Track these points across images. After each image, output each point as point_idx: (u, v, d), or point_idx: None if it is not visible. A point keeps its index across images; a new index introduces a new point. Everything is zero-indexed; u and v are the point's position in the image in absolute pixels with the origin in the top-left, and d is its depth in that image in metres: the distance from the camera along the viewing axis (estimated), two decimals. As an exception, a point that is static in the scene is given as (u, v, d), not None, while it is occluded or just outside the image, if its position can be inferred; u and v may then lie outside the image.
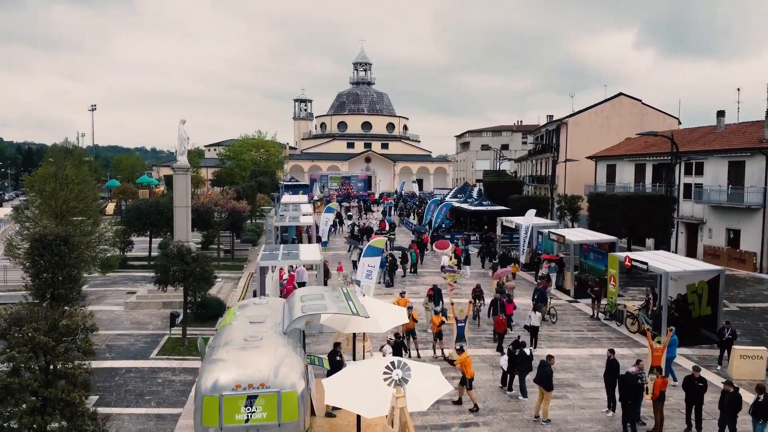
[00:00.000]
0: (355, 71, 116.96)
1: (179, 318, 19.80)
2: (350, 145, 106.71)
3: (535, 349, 19.11)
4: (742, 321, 23.33)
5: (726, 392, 13.20)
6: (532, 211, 33.42)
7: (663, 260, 22.11)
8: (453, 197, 55.69)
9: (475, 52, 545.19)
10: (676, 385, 15.98)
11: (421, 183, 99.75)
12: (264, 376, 10.70)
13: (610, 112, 54.09)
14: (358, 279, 19.94)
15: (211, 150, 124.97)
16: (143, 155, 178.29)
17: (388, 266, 27.95)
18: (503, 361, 15.86)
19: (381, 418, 10.96)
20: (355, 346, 16.81)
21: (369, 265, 20.49)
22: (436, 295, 21.13)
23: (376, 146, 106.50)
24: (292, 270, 24.35)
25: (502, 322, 18.59)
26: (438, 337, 18.19)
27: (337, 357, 14.03)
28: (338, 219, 48.30)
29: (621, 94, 55.04)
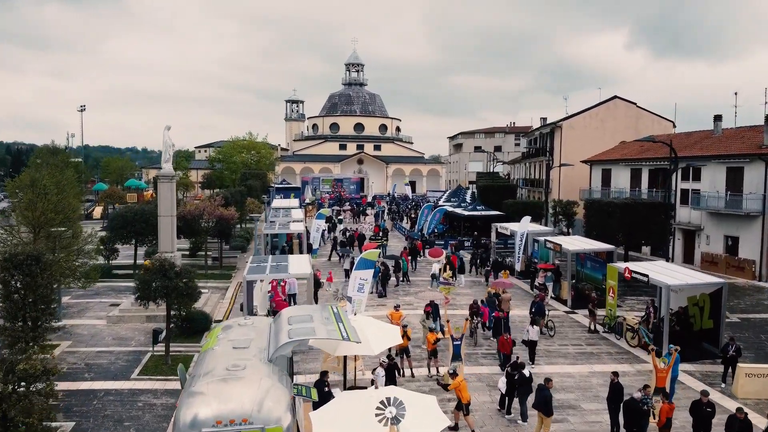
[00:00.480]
0: (348, 72, 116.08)
1: (162, 334, 18.93)
2: (342, 147, 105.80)
3: (533, 364, 18.55)
4: (743, 333, 22.76)
5: (736, 419, 12.55)
6: (527, 218, 32.75)
7: (663, 272, 21.47)
8: (446, 201, 54.99)
9: (467, 52, 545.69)
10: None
11: (413, 185, 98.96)
12: (247, 411, 9.94)
13: (605, 115, 53.56)
14: (350, 295, 19.12)
15: (202, 151, 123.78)
16: (134, 155, 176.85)
17: (380, 276, 27.14)
18: (501, 383, 15.13)
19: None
20: (346, 366, 16.08)
21: (361, 278, 19.69)
22: (434, 311, 20.28)
23: (368, 148, 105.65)
24: (281, 282, 23.50)
25: (507, 342, 17.46)
26: (433, 355, 17.44)
27: (325, 387, 13.22)
28: (331, 224, 47.53)
29: (616, 97, 54.54)
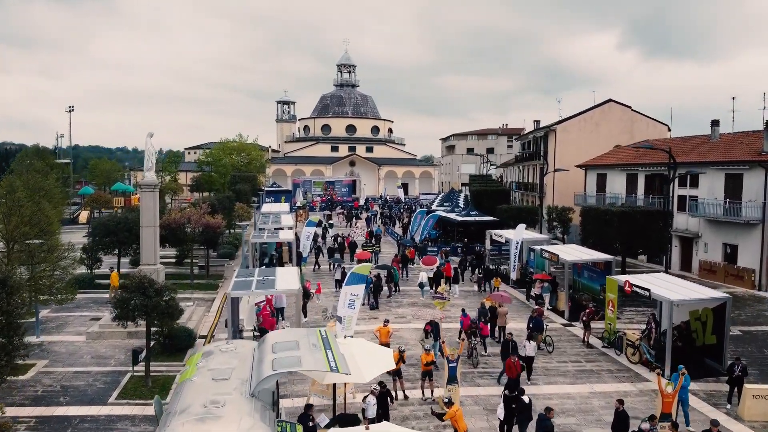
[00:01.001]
0: (339, 73, 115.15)
1: (142, 354, 17.99)
2: (334, 149, 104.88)
3: (529, 381, 17.88)
4: (746, 348, 22.10)
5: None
6: (522, 226, 32.01)
7: (665, 285, 20.74)
8: (440, 205, 54.26)
9: (458, 52, 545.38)
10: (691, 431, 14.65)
11: (406, 187, 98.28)
12: (225, 457, 9.07)
13: (599, 119, 52.97)
14: (340, 315, 18.22)
15: (191, 153, 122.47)
16: (125, 155, 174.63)
17: (372, 287, 26.24)
18: (500, 410, 14.30)
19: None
20: (335, 390, 15.21)
21: (352, 293, 18.81)
22: (434, 330, 19.12)
23: (360, 150, 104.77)
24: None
25: (515, 365, 16.29)
26: (427, 376, 16.58)
27: (310, 423, 12.34)
28: (322, 228, 46.63)
29: (610, 100, 53.96)
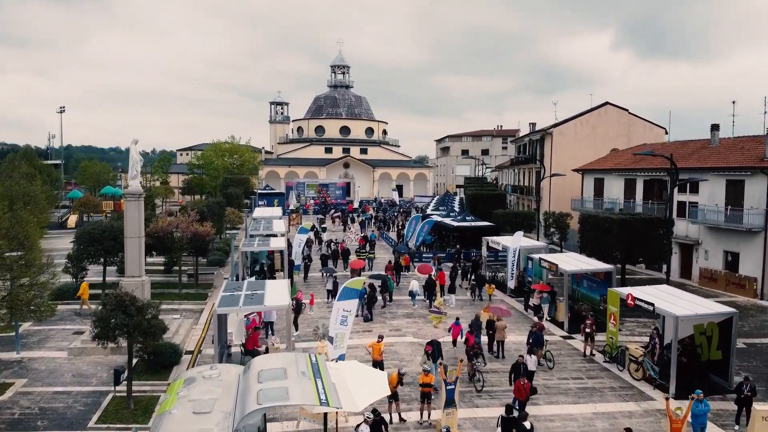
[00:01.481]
0: (333, 74, 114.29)
1: (124, 374, 17.12)
2: (328, 150, 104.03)
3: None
4: (751, 362, 21.43)
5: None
6: (519, 233, 31.33)
7: (668, 298, 20.05)
8: (435, 209, 53.54)
9: (452, 52, 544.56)
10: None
11: (401, 189, 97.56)
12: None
13: (596, 122, 52.35)
14: (331, 335, 17.40)
15: (184, 154, 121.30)
16: (117, 155, 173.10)
17: (366, 299, 25.42)
18: (499, 438, 13.54)
19: None
20: (326, 415, 14.39)
21: (344, 309, 17.99)
22: (436, 351, 18.25)
23: (354, 151, 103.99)
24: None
25: (523, 388, 15.50)
26: (426, 398, 15.78)
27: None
28: (314, 233, 45.83)
29: (607, 103, 53.37)
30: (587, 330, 21.68)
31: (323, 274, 30.12)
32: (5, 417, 16.28)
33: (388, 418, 15.23)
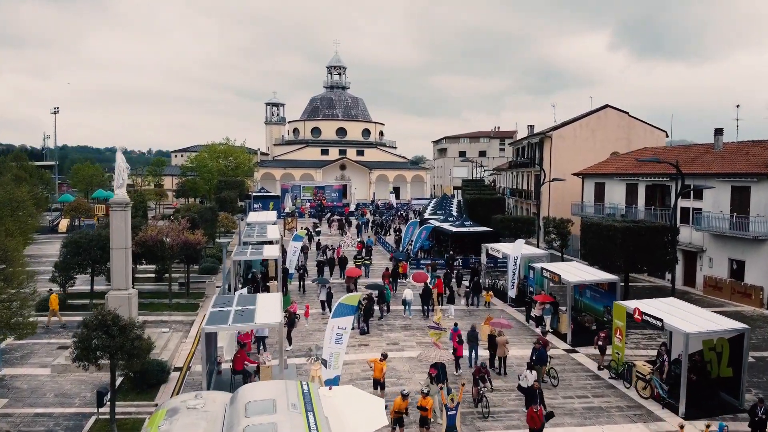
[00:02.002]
0: (329, 75, 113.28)
1: (107, 396, 16.24)
2: (324, 152, 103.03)
3: None
4: (761, 378, 20.67)
5: None
6: (521, 241, 30.50)
7: (677, 312, 19.25)
8: (432, 213, 52.67)
9: (449, 53, 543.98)
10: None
11: (398, 191, 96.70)
12: None
13: (595, 125, 51.61)
14: (325, 357, 16.53)
15: (179, 156, 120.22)
16: (113, 155, 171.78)
17: (363, 310, 24.54)
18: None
19: None
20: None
21: (339, 327, 17.11)
22: (441, 374, 17.33)
23: (351, 153, 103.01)
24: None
25: (537, 415, 14.61)
26: (424, 423, 14.95)
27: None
28: (308, 236, 45.11)
29: (607, 106, 52.64)
30: (600, 343, 21.00)
31: (318, 285, 29.19)
32: (-18, 442, 15.44)
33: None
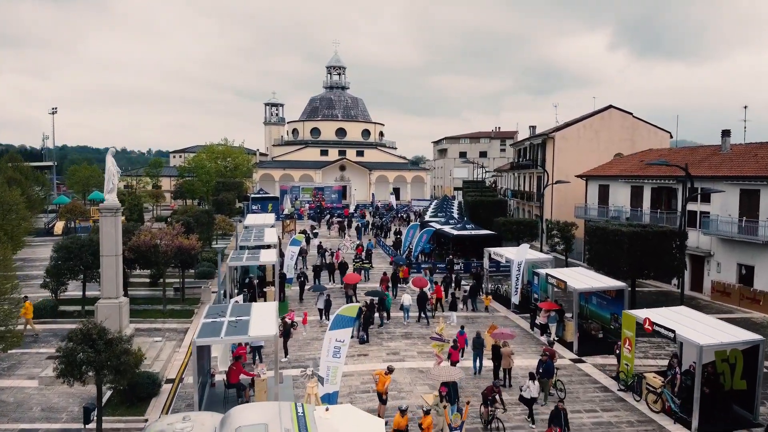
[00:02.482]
0: (329, 75, 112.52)
1: (94, 413, 15.49)
2: (324, 153, 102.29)
3: (533, 425, 16.24)
4: (775, 390, 19.84)
5: None
6: (525, 246, 29.75)
7: (690, 323, 18.50)
8: (433, 215, 51.88)
9: (449, 52, 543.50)
10: None
11: (398, 192, 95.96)
12: None
13: (599, 126, 50.85)
14: (321, 375, 15.76)
15: (177, 156, 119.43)
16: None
17: (362, 318, 23.76)
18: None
19: None
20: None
21: (337, 339, 16.38)
22: (452, 393, 16.57)
23: (351, 154, 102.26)
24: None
25: None
26: (425, 443, 14.19)
27: None
28: (306, 238, 44.28)
29: (611, 106, 51.87)
30: (617, 351, 20.41)
31: (316, 292, 28.32)
32: (-37, 461, 14.69)
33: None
